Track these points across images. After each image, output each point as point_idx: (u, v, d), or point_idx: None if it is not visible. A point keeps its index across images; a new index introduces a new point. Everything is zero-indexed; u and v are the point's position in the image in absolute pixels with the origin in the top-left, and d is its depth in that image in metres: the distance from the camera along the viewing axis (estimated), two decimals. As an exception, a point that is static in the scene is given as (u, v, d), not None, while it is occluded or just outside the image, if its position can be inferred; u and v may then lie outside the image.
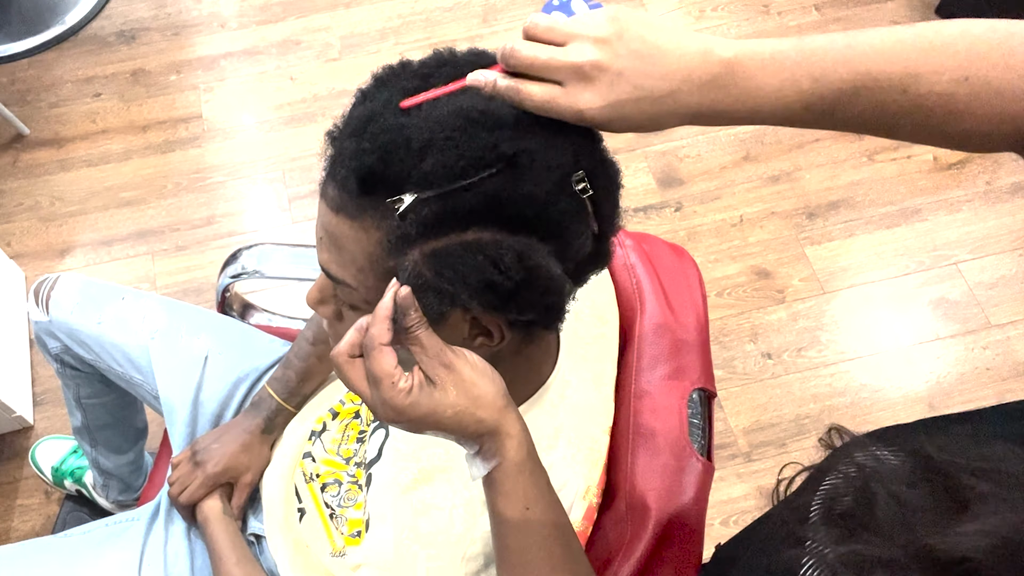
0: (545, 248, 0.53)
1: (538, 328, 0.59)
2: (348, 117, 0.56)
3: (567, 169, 0.53)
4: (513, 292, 0.53)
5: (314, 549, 0.86)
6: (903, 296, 1.76)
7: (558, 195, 0.53)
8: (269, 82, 2.05)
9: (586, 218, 0.55)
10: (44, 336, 1.11)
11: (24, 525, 1.52)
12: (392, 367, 0.52)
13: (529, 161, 0.51)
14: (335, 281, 0.58)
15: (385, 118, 0.53)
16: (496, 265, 0.52)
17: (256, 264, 1.12)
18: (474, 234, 0.52)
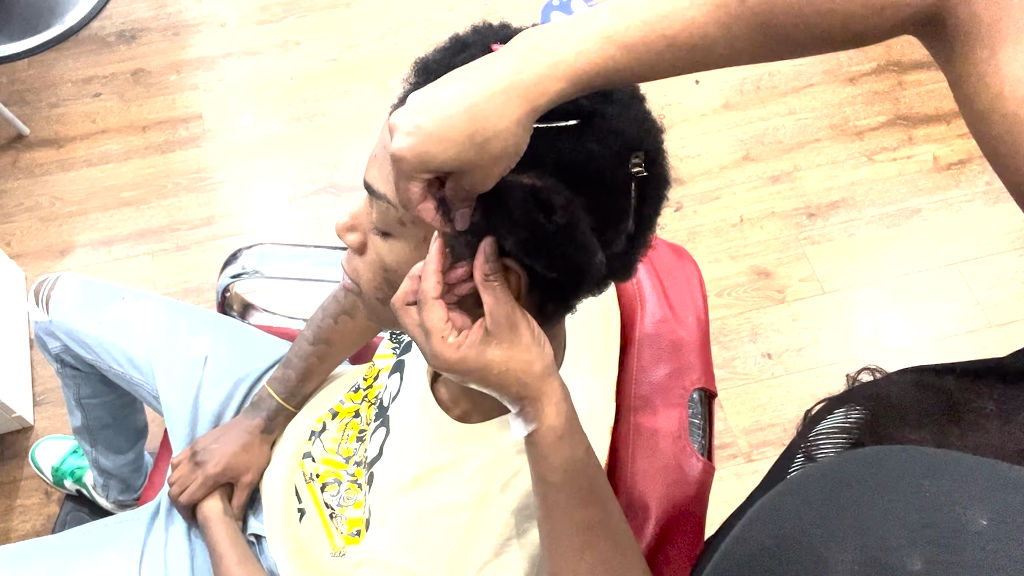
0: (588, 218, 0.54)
1: (551, 303, 0.60)
2: (439, 49, 0.57)
3: (631, 143, 0.54)
4: (549, 240, 0.54)
5: (314, 549, 0.86)
6: (903, 296, 1.76)
7: (615, 165, 0.54)
8: (269, 82, 2.05)
9: (628, 205, 0.56)
10: (44, 336, 1.11)
11: (24, 525, 1.52)
12: (443, 322, 0.53)
13: (602, 122, 0.53)
14: (375, 196, 0.58)
15: (476, 52, 0.54)
16: (543, 209, 0.53)
17: (256, 264, 1.12)
18: (530, 178, 0.53)
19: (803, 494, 0.32)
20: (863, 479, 0.31)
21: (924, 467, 0.30)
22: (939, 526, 0.28)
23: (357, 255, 0.63)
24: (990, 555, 0.26)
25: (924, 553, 0.27)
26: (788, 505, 0.32)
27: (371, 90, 2.02)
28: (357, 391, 0.94)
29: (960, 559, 0.27)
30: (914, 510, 0.28)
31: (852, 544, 0.28)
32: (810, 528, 0.30)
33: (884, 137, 1.95)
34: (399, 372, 0.82)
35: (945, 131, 1.96)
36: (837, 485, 0.31)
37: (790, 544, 0.30)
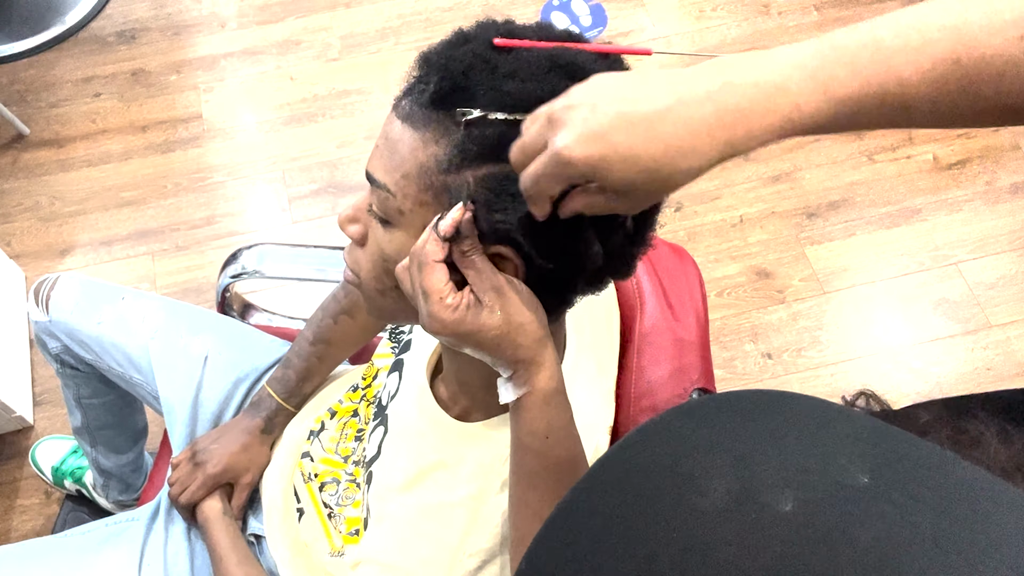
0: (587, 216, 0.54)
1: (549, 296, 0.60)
2: (442, 42, 0.57)
3: None
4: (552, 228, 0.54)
5: (313, 549, 0.86)
6: (903, 296, 1.76)
7: None
8: (269, 82, 2.05)
9: None
10: (44, 336, 1.11)
11: (24, 525, 1.52)
12: (443, 284, 0.54)
13: None
14: (375, 185, 0.59)
15: (477, 46, 0.55)
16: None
17: (256, 264, 1.12)
18: None
19: (694, 417, 0.32)
20: (756, 415, 0.31)
21: (822, 418, 0.31)
22: (817, 473, 0.28)
23: (359, 247, 0.63)
24: (861, 509, 0.27)
25: (797, 496, 0.27)
26: (675, 426, 0.32)
27: (371, 90, 2.02)
28: (356, 390, 0.94)
29: (831, 507, 0.27)
30: (797, 454, 0.29)
31: (729, 474, 0.28)
32: (691, 452, 0.30)
33: (884, 137, 1.95)
34: (398, 371, 0.82)
35: (945, 131, 1.96)
36: (731, 415, 0.31)
37: (667, 465, 0.30)
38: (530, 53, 0.54)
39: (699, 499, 0.28)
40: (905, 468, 0.28)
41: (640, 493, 0.30)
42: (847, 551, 0.26)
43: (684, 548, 0.27)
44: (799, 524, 0.26)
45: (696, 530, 0.27)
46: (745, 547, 0.26)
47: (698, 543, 0.27)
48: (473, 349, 0.56)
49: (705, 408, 0.32)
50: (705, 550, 0.27)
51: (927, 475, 0.28)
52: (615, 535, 0.29)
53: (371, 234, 0.62)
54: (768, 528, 0.27)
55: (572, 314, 0.72)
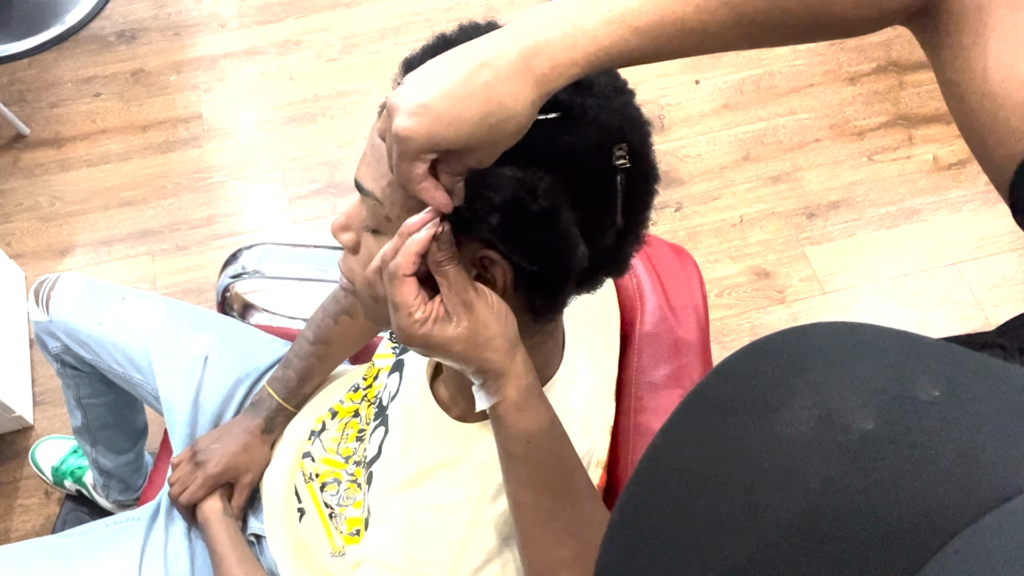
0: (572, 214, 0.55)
1: (539, 299, 0.60)
2: (425, 49, 0.58)
3: (613, 135, 0.55)
4: (529, 228, 0.54)
5: (314, 549, 0.86)
6: (903, 296, 1.76)
7: (596, 156, 0.55)
8: (269, 82, 2.05)
9: (615, 198, 0.56)
10: (44, 336, 1.11)
11: (24, 525, 1.52)
12: (412, 298, 0.54)
13: (581, 115, 0.53)
14: (364, 193, 0.59)
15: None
16: (524, 200, 0.53)
17: (256, 264, 1.12)
18: (511, 170, 0.53)
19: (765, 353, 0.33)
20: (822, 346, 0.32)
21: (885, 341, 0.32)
22: (892, 392, 0.29)
23: (352, 254, 0.63)
24: (937, 422, 0.28)
25: (876, 415, 0.28)
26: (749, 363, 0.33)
27: (371, 90, 2.02)
28: (356, 391, 0.94)
29: (909, 422, 0.28)
30: (871, 377, 0.30)
31: (808, 402, 0.29)
32: (768, 388, 0.31)
33: (884, 137, 1.95)
34: (398, 371, 0.82)
35: (945, 131, 1.96)
36: (800, 349, 0.32)
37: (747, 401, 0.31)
38: None
39: (784, 429, 0.29)
40: (972, 379, 0.29)
41: (726, 431, 0.31)
42: (936, 464, 0.26)
43: (777, 476, 0.28)
44: (884, 441, 0.27)
45: (786, 458, 0.28)
46: (836, 469, 0.27)
47: (789, 470, 0.28)
48: (441, 359, 0.57)
49: (774, 344, 0.33)
50: (797, 476, 0.28)
51: (993, 384, 0.29)
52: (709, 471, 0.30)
53: (363, 242, 0.62)
54: (855, 449, 0.27)
55: (572, 314, 0.72)
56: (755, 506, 0.28)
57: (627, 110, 0.57)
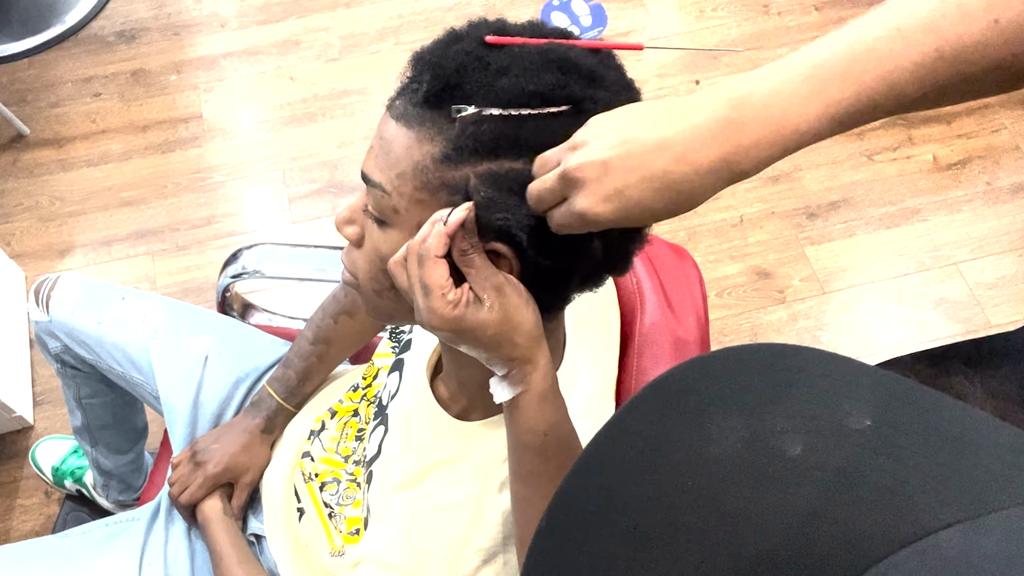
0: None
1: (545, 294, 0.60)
2: (434, 42, 0.57)
3: None
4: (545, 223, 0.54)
5: (314, 549, 0.86)
6: (903, 296, 1.76)
7: None
8: (269, 82, 2.05)
9: None
10: (44, 336, 1.11)
11: (24, 525, 1.52)
12: (444, 279, 0.54)
13: (592, 108, 0.53)
14: (370, 184, 0.58)
15: (469, 44, 0.55)
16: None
17: (256, 264, 1.12)
18: (525, 164, 0.53)
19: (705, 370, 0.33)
20: (763, 368, 0.32)
21: (825, 368, 0.32)
22: (823, 419, 0.29)
23: (355, 248, 0.63)
24: (865, 451, 0.27)
25: (804, 440, 0.28)
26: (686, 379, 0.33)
27: (371, 90, 2.02)
28: (356, 390, 0.94)
29: (836, 450, 0.28)
30: (803, 402, 0.30)
31: (738, 423, 0.29)
32: (702, 404, 0.31)
33: (884, 137, 1.95)
34: (398, 371, 0.82)
35: (945, 131, 1.96)
36: (739, 367, 0.32)
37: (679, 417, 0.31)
38: (522, 49, 0.54)
39: (711, 448, 0.29)
40: (906, 411, 0.29)
41: (655, 445, 0.31)
42: (859, 494, 0.26)
43: (699, 495, 0.28)
44: (808, 466, 0.27)
45: (710, 477, 0.28)
46: (758, 490, 0.27)
47: (713, 490, 0.28)
48: (470, 346, 0.56)
49: (715, 362, 0.33)
50: (720, 496, 0.28)
51: (926, 417, 0.29)
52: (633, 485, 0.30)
53: (367, 235, 0.62)
54: (779, 473, 0.27)
55: (572, 314, 0.72)
56: (676, 524, 0.28)
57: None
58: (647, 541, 0.28)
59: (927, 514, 0.25)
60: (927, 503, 0.26)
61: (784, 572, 0.25)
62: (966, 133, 1.96)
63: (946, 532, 0.24)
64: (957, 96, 0.47)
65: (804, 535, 0.26)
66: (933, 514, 0.25)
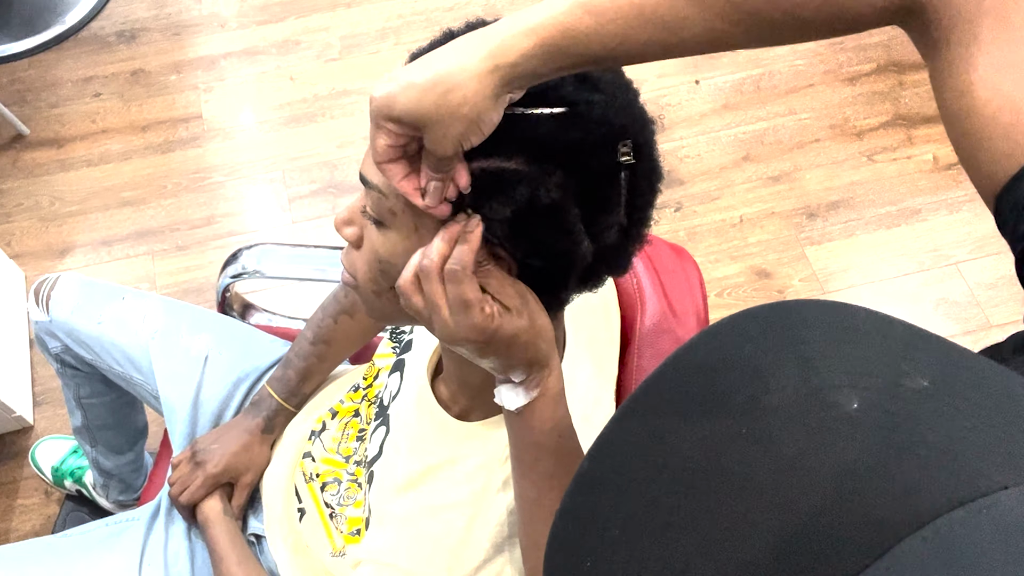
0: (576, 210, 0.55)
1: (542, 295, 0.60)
2: (432, 43, 0.57)
3: (618, 132, 0.55)
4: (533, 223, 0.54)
5: (314, 549, 0.86)
6: (903, 296, 1.76)
7: (601, 153, 0.55)
8: (269, 82, 2.05)
9: (619, 195, 0.56)
10: (44, 336, 1.11)
11: (24, 525, 1.52)
12: (481, 294, 0.54)
13: (587, 111, 0.53)
14: (368, 186, 0.59)
15: None
16: (529, 195, 0.54)
17: (256, 264, 1.12)
18: (517, 163, 0.53)
19: (760, 320, 0.32)
20: (818, 322, 0.31)
21: (883, 327, 0.31)
22: (881, 376, 0.28)
23: (354, 249, 0.63)
24: (923, 411, 0.27)
25: (861, 396, 0.28)
26: (743, 327, 0.32)
27: (371, 90, 2.02)
28: (357, 390, 0.94)
29: (893, 407, 0.27)
30: (862, 359, 0.29)
31: (796, 374, 0.29)
32: (758, 354, 0.30)
33: (884, 137, 1.95)
34: (399, 371, 0.82)
35: (945, 131, 1.96)
36: (795, 320, 0.32)
37: (736, 363, 0.31)
38: None
39: (768, 396, 0.28)
40: (963, 376, 0.29)
41: (710, 389, 0.30)
42: (915, 452, 0.26)
43: (753, 441, 0.28)
44: (866, 423, 0.27)
45: (764, 425, 0.28)
46: (812, 443, 0.27)
47: (765, 437, 0.28)
48: (497, 355, 0.56)
49: (770, 313, 0.33)
50: (772, 444, 0.27)
51: (983, 383, 0.29)
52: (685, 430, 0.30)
53: (366, 236, 0.62)
54: (835, 426, 0.27)
55: (572, 314, 0.72)
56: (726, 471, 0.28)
57: (632, 108, 0.57)
58: (694, 488, 0.28)
59: (983, 476, 0.25)
60: (983, 465, 0.25)
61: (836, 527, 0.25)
62: (966, 133, 1.95)
63: (1005, 493, 0.24)
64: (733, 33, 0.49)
65: (857, 490, 0.25)
66: (989, 476, 0.25)
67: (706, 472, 0.28)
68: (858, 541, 0.25)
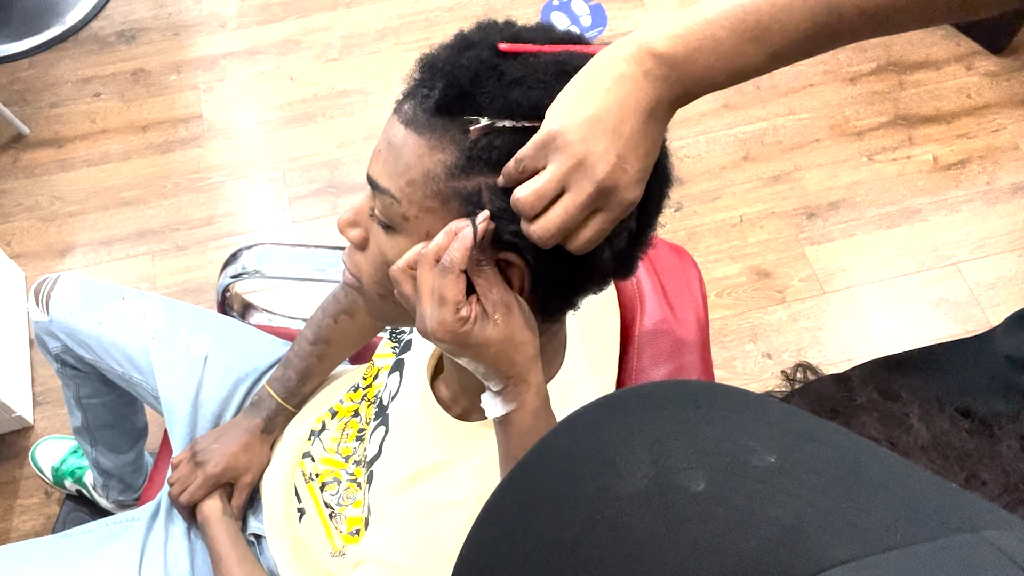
0: None
1: (554, 300, 0.60)
2: (444, 46, 0.57)
3: None
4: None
5: (314, 549, 0.86)
6: (903, 296, 1.76)
7: None
8: (269, 82, 2.05)
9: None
10: (44, 336, 1.11)
11: (24, 525, 1.52)
12: (461, 294, 0.54)
13: None
14: (379, 191, 0.58)
15: (482, 52, 0.54)
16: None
17: (256, 264, 1.12)
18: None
19: (614, 407, 0.33)
20: (672, 404, 0.32)
21: (734, 405, 0.32)
22: (727, 455, 0.29)
23: (359, 250, 0.63)
24: (768, 487, 0.28)
25: (708, 476, 0.28)
26: (598, 416, 0.33)
27: (371, 90, 2.02)
28: (356, 390, 0.94)
29: (740, 486, 0.28)
30: (707, 438, 0.30)
31: (646, 459, 0.30)
32: (612, 440, 0.31)
33: (884, 137, 1.95)
34: (399, 371, 0.82)
35: (945, 131, 1.96)
36: (649, 404, 0.33)
37: (590, 452, 0.31)
38: (536, 59, 0.54)
39: (619, 482, 0.29)
40: (809, 447, 0.30)
41: (566, 479, 0.31)
42: (759, 531, 0.27)
43: (607, 529, 0.28)
44: (712, 503, 0.28)
45: (617, 512, 0.29)
46: (663, 526, 0.28)
47: (620, 524, 0.28)
48: (469, 360, 0.56)
49: (625, 398, 0.34)
50: (627, 531, 0.28)
51: (828, 453, 0.30)
52: (542, 519, 0.30)
53: (372, 238, 0.61)
54: (683, 508, 0.28)
55: (573, 314, 0.72)
56: (582, 556, 0.28)
57: None
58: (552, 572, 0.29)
59: (822, 551, 0.26)
60: (824, 540, 0.26)
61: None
62: (966, 133, 1.96)
63: (839, 569, 0.25)
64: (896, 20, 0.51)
65: (705, 570, 0.26)
66: (828, 552, 0.26)
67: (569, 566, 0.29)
68: None
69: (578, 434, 0.33)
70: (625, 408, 0.33)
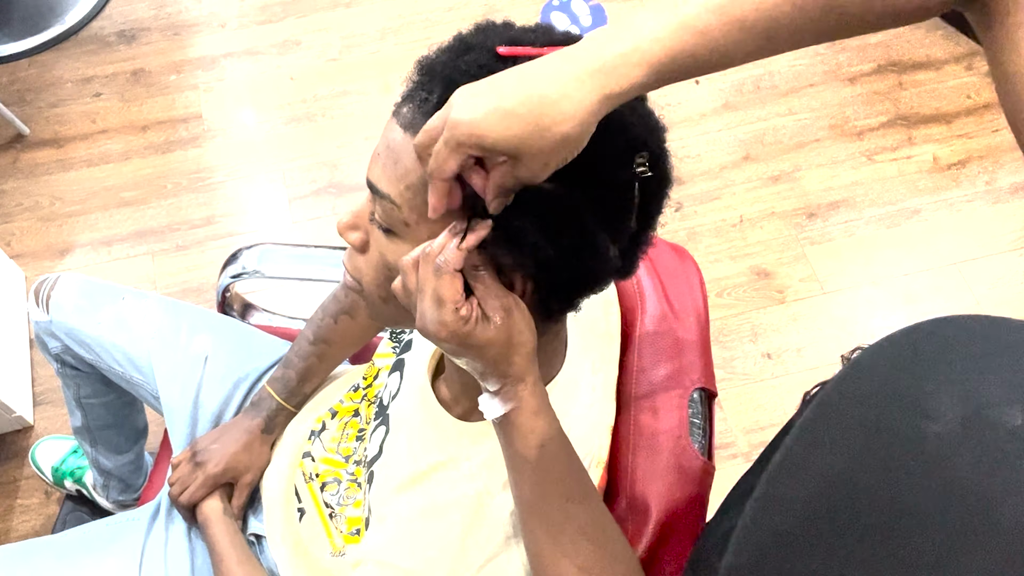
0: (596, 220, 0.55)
1: (556, 302, 0.60)
2: (442, 49, 0.57)
3: (636, 142, 0.55)
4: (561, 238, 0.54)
5: (314, 549, 0.86)
6: (903, 296, 1.76)
7: (619, 163, 0.55)
8: (269, 82, 2.05)
9: (632, 204, 0.56)
10: (44, 336, 1.11)
11: (24, 525, 1.52)
12: (459, 293, 0.54)
13: (605, 124, 0.52)
14: (378, 195, 0.58)
15: (481, 56, 0.54)
16: (552, 213, 0.54)
17: (256, 264, 1.12)
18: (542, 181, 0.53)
19: (909, 347, 0.32)
20: (966, 341, 0.31)
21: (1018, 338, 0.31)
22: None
23: (359, 253, 0.63)
24: None
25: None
26: (890, 356, 0.32)
27: (371, 90, 2.02)
28: (357, 390, 0.94)
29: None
30: (1014, 370, 0.29)
31: (954, 398, 0.28)
32: (913, 382, 0.30)
33: (884, 137, 1.95)
34: (399, 371, 0.82)
35: (945, 131, 1.96)
36: (941, 342, 0.32)
37: (892, 395, 0.30)
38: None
39: (931, 424, 0.28)
40: None
41: (875, 425, 0.30)
42: None
43: (925, 472, 0.27)
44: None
45: (934, 455, 0.28)
46: (983, 464, 0.27)
47: (938, 466, 0.27)
48: (469, 360, 0.57)
49: (910, 337, 0.32)
50: (946, 471, 0.27)
51: None
52: (854, 472, 0.29)
53: (373, 242, 0.61)
54: (1002, 444, 0.27)
55: (573, 314, 0.72)
56: (902, 508, 0.27)
57: (649, 118, 0.57)
58: (873, 530, 0.28)
59: None
60: None
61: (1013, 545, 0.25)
62: (966, 133, 1.96)
63: None
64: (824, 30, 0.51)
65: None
66: None
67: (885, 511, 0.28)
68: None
69: (874, 379, 0.31)
70: (916, 346, 0.32)
